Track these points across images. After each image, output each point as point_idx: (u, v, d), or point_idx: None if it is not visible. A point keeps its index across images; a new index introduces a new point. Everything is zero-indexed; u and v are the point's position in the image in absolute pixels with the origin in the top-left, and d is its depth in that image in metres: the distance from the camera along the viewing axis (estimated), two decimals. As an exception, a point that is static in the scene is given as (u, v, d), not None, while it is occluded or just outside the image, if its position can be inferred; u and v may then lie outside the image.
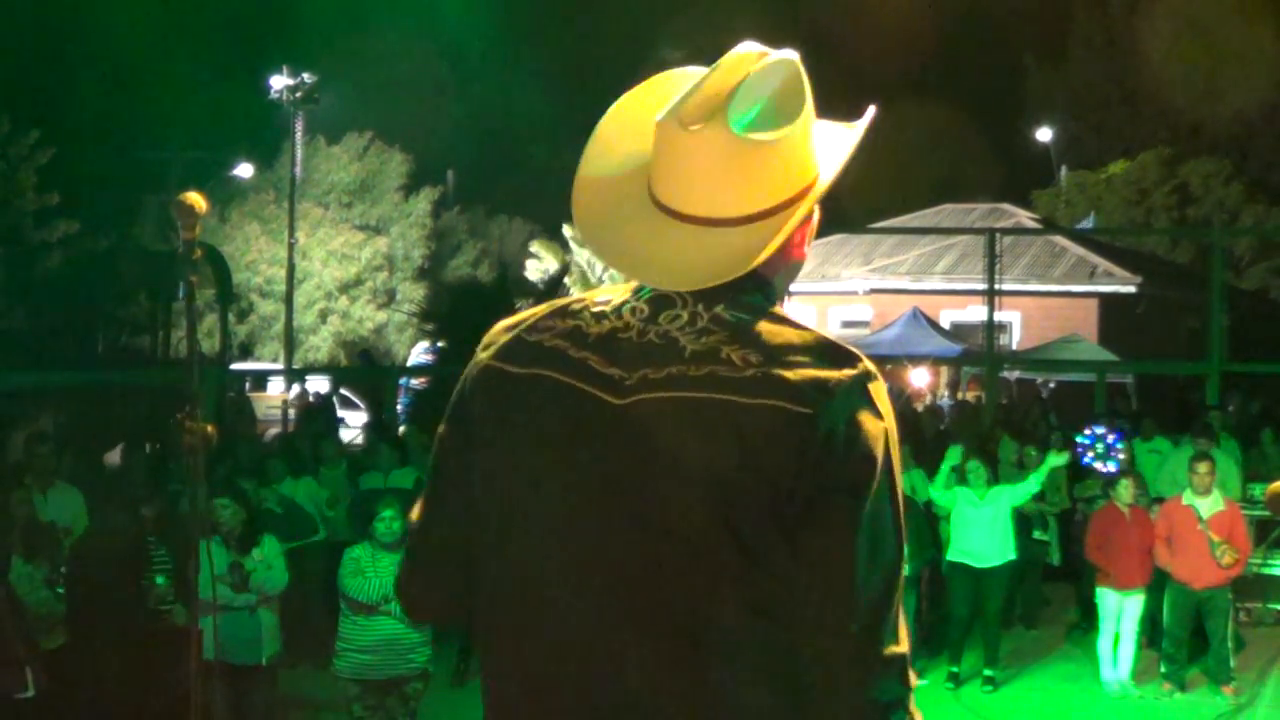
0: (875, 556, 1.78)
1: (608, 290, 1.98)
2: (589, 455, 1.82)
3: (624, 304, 1.91)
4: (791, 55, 1.91)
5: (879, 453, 1.79)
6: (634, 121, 1.99)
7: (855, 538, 1.76)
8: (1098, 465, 12.11)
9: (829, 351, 1.83)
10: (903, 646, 1.82)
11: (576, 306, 1.95)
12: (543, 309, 1.98)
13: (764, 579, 1.76)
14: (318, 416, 14.14)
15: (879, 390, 1.83)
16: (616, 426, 1.81)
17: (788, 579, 1.76)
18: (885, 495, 1.79)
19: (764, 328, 1.84)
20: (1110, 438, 12.01)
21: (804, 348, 1.82)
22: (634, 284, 1.94)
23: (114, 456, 12.69)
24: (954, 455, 10.59)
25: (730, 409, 1.76)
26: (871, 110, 2.01)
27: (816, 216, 2.00)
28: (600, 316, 1.90)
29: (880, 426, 1.80)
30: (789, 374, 1.78)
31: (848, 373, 1.80)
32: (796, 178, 1.91)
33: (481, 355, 1.95)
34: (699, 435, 1.77)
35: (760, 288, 1.91)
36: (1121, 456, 12.04)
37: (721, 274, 1.86)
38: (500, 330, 1.98)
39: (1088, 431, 12.20)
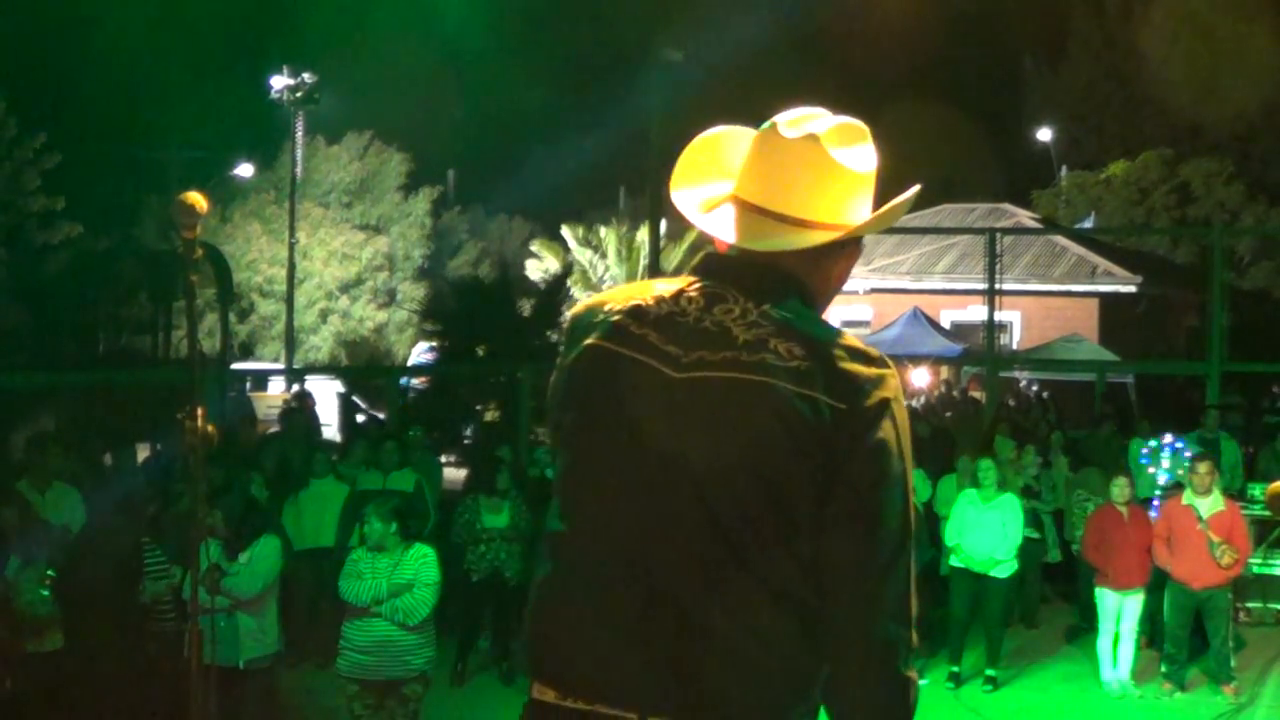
0: (890, 537, 2.04)
1: (668, 280, 2.25)
2: (644, 418, 2.07)
3: (682, 293, 2.18)
4: (862, 123, 2.26)
5: (899, 446, 2.06)
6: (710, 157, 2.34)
7: (876, 521, 2.03)
8: (1160, 476, 11.79)
9: (861, 355, 2.09)
10: (915, 631, 2.07)
11: (638, 290, 2.22)
12: (611, 293, 2.27)
13: (792, 544, 2.02)
14: (299, 422, 13.80)
15: (900, 391, 2.11)
16: (672, 396, 2.07)
17: (810, 554, 2.03)
18: (900, 484, 2.06)
19: (805, 328, 2.11)
20: (1175, 444, 11.49)
21: (840, 347, 2.09)
22: (689, 279, 2.22)
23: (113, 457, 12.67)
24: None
25: (778, 393, 2.02)
26: (915, 187, 2.30)
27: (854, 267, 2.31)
28: (660, 300, 2.17)
29: (899, 423, 2.07)
30: (828, 370, 2.05)
31: (877, 373, 2.08)
32: (849, 212, 2.21)
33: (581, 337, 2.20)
34: (751, 411, 2.03)
35: (804, 299, 2.18)
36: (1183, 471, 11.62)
37: (778, 245, 2.17)
38: (578, 312, 2.27)
39: (1167, 441, 11.50)
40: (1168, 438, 10.65)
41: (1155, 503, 10.94)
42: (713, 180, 2.30)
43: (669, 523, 2.03)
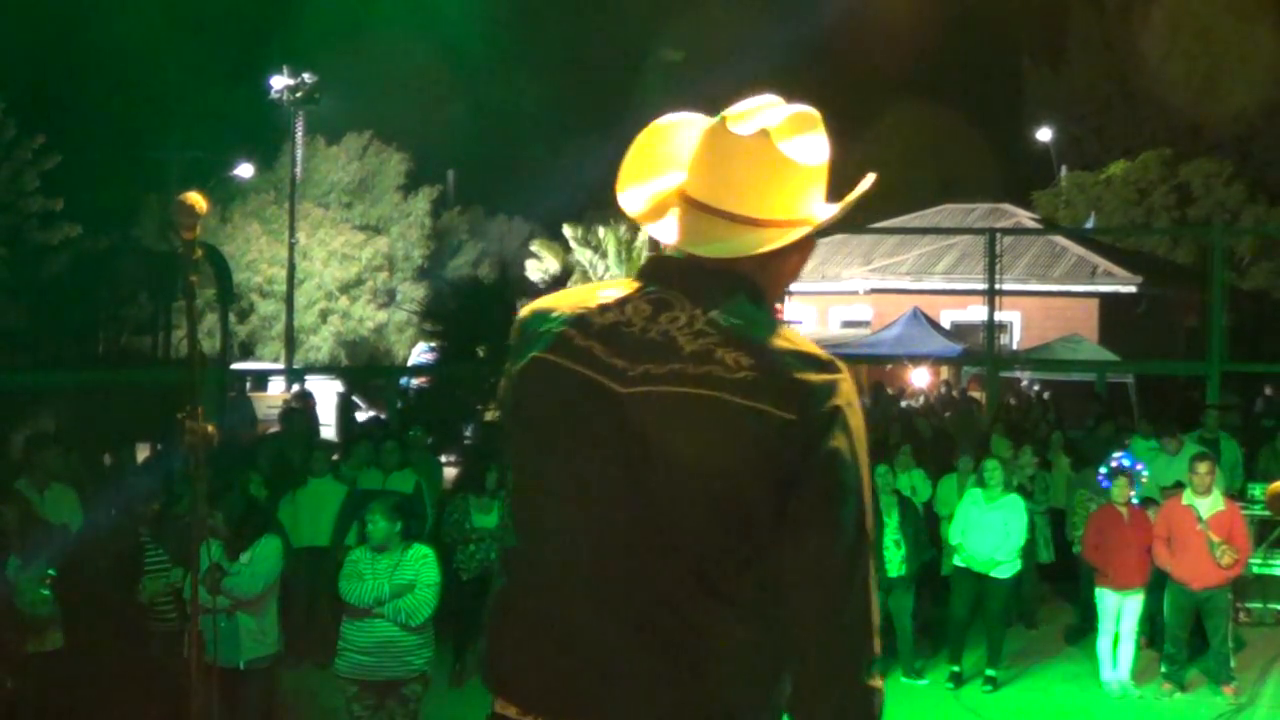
0: (847, 548, 2.00)
1: (614, 284, 2.18)
2: (591, 435, 2.03)
3: (628, 300, 2.12)
4: (814, 110, 2.20)
5: (852, 454, 2.02)
6: (658, 152, 2.26)
7: (832, 532, 1.99)
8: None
9: (811, 360, 2.04)
10: (876, 640, 2.04)
11: (584, 296, 2.17)
12: (557, 297, 2.21)
13: (747, 564, 1.99)
14: (299, 421, 13.77)
15: (853, 395, 2.05)
16: (618, 412, 2.02)
17: (770, 566, 1.99)
18: (856, 492, 2.02)
19: (753, 334, 2.05)
20: (1127, 462, 11.41)
21: (789, 354, 2.03)
22: (638, 282, 2.15)
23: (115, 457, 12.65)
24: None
25: (725, 407, 1.97)
26: (871, 176, 2.24)
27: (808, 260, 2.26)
28: (605, 309, 2.11)
29: (852, 429, 2.03)
30: (777, 380, 1.99)
31: (827, 379, 2.02)
32: (803, 207, 2.15)
33: (524, 346, 2.16)
34: (697, 427, 1.98)
35: (753, 298, 2.12)
36: (1144, 480, 11.59)
37: (729, 251, 2.10)
38: (524, 317, 2.21)
39: (1112, 463, 11.38)
40: (1115, 461, 10.57)
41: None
42: (662, 174, 2.22)
43: (621, 539, 2.00)
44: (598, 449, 2.02)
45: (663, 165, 2.22)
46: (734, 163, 2.11)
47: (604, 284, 2.23)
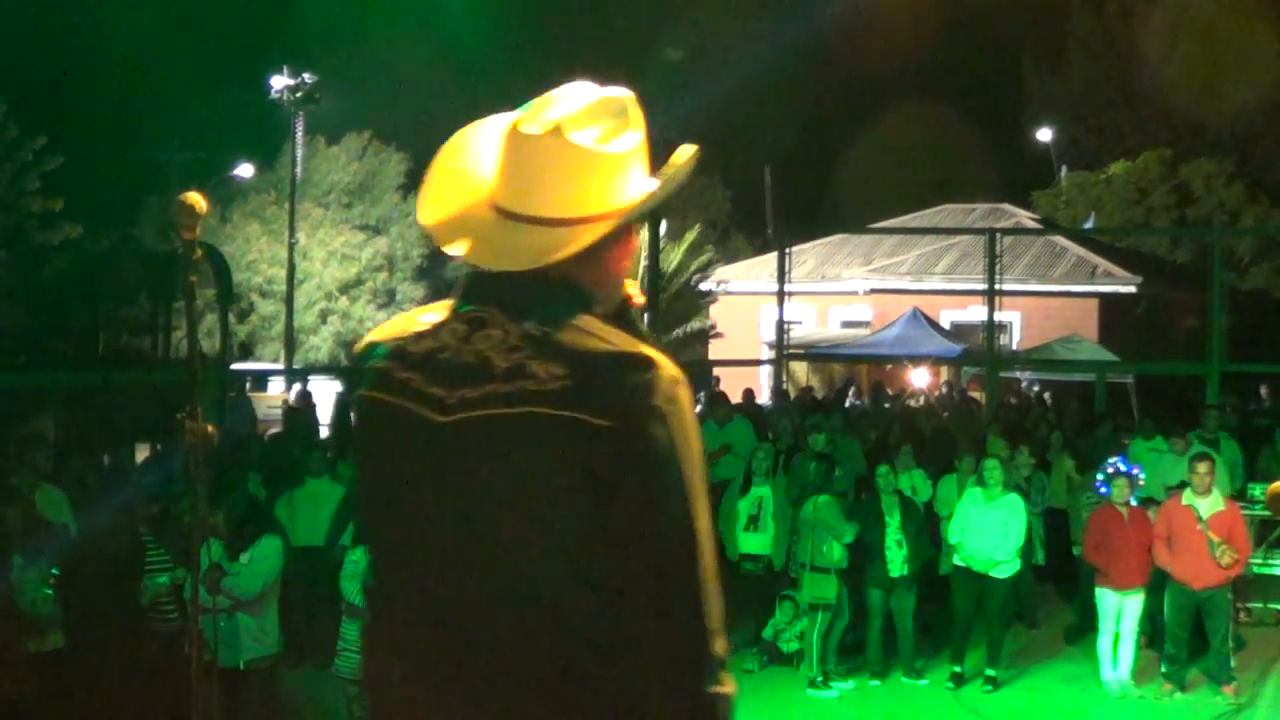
0: (674, 551, 1.92)
1: (432, 308, 2.11)
2: (418, 470, 1.99)
3: (444, 324, 2.05)
4: (627, 92, 2.10)
5: (672, 452, 1.92)
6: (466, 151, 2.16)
7: (655, 536, 1.91)
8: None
9: (625, 360, 1.94)
10: (719, 641, 1.95)
11: (403, 325, 2.11)
12: (382, 328, 2.16)
13: (587, 582, 1.92)
14: (300, 421, 13.78)
15: (675, 389, 1.95)
16: (441, 443, 1.97)
17: (609, 580, 1.92)
18: (678, 493, 1.93)
19: (568, 339, 1.96)
20: (1122, 467, 11.40)
21: (603, 357, 1.94)
22: (451, 304, 2.08)
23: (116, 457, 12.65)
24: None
25: (540, 422, 1.91)
26: (690, 148, 2.12)
27: (637, 242, 2.15)
28: (421, 336, 2.05)
29: (673, 426, 1.93)
30: (590, 385, 1.91)
31: (643, 378, 1.93)
32: (613, 196, 2.04)
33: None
34: (516, 447, 1.93)
35: (575, 298, 2.02)
36: (1141, 483, 11.54)
37: (522, 262, 2.01)
38: (358, 352, 2.15)
39: (1108, 469, 11.35)
40: (1110, 467, 10.55)
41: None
42: (469, 183, 2.12)
43: (462, 571, 1.96)
44: (427, 483, 1.98)
45: (469, 174, 2.12)
46: (532, 164, 2.03)
47: (424, 309, 2.14)
